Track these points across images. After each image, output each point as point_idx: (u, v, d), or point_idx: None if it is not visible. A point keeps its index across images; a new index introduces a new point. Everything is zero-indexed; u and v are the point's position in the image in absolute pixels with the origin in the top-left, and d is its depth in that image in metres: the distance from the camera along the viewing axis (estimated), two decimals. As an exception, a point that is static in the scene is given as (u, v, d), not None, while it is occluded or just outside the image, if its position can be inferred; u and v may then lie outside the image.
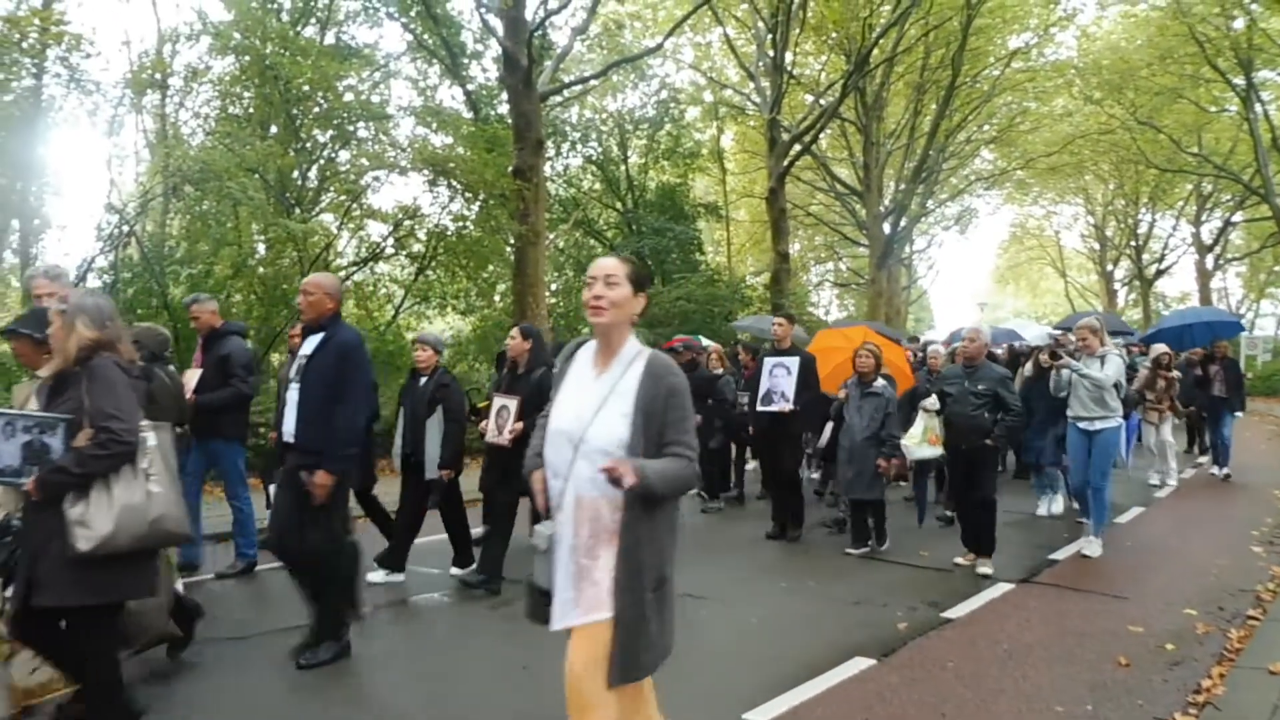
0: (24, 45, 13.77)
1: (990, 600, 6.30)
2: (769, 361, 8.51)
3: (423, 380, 7.06)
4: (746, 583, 6.83)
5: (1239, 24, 25.69)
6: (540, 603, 2.83)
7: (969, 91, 27.14)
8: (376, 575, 6.82)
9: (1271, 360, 32.02)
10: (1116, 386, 7.39)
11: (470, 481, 7.20)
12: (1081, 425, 7.57)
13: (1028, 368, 10.43)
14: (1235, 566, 7.16)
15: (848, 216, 32.13)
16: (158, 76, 17.23)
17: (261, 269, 16.69)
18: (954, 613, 5.96)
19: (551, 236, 24.18)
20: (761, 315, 20.25)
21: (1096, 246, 44.25)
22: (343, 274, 18.47)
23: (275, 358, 17.02)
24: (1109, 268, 44.09)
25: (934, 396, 7.63)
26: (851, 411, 7.87)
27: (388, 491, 7.61)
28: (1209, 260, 39.36)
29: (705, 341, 11.66)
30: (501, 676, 4.88)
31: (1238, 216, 36.90)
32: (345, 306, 19.74)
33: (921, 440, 7.62)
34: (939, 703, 4.44)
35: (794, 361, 8.35)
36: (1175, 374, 11.73)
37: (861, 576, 6.41)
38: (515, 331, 6.88)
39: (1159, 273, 41.41)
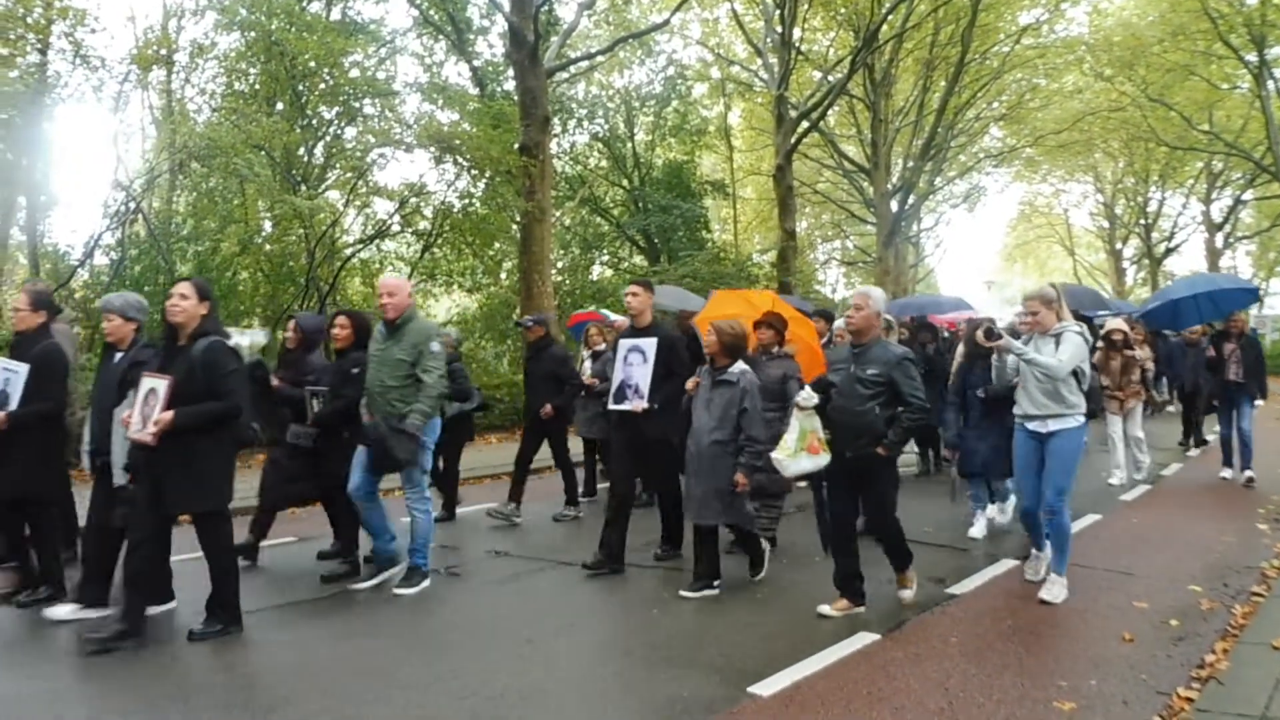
0: (29, 21, 13.74)
1: (995, 576, 6.32)
2: (623, 345, 6.71)
3: (117, 357, 5.68)
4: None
5: (1252, 0, 25.43)
6: None
7: (978, 68, 26.95)
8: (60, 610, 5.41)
9: (1280, 339, 31.88)
10: (1077, 375, 5.68)
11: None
12: (1031, 426, 5.78)
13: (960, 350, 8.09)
14: (1241, 543, 7.16)
15: (855, 194, 32.02)
16: (163, 52, 17.19)
17: (268, 246, 16.71)
18: (958, 589, 5.97)
19: (558, 214, 24.18)
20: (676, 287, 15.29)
21: (1105, 225, 44.01)
22: (349, 251, 18.50)
23: (280, 335, 17.09)
24: (1118, 246, 43.88)
25: (808, 389, 5.66)
26: (699, 407, 5.99)
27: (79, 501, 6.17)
28: (1219, 238, 39.16)
29: (613, 316, 10.76)
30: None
31: (1248, 194, 36.64)
32: (352, 284, 19.86)
33: (797, 449, 5.49)
34: (943, 678, 4.45)
35: (650, 344, 6.49)
36: (1139, 353, 10.09)
37: (866, 553, 6.38)
38: (184, 288, 5.27)
39: (1168, 251, 41.21)
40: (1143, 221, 41.37)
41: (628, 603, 5.91)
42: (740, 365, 5.91)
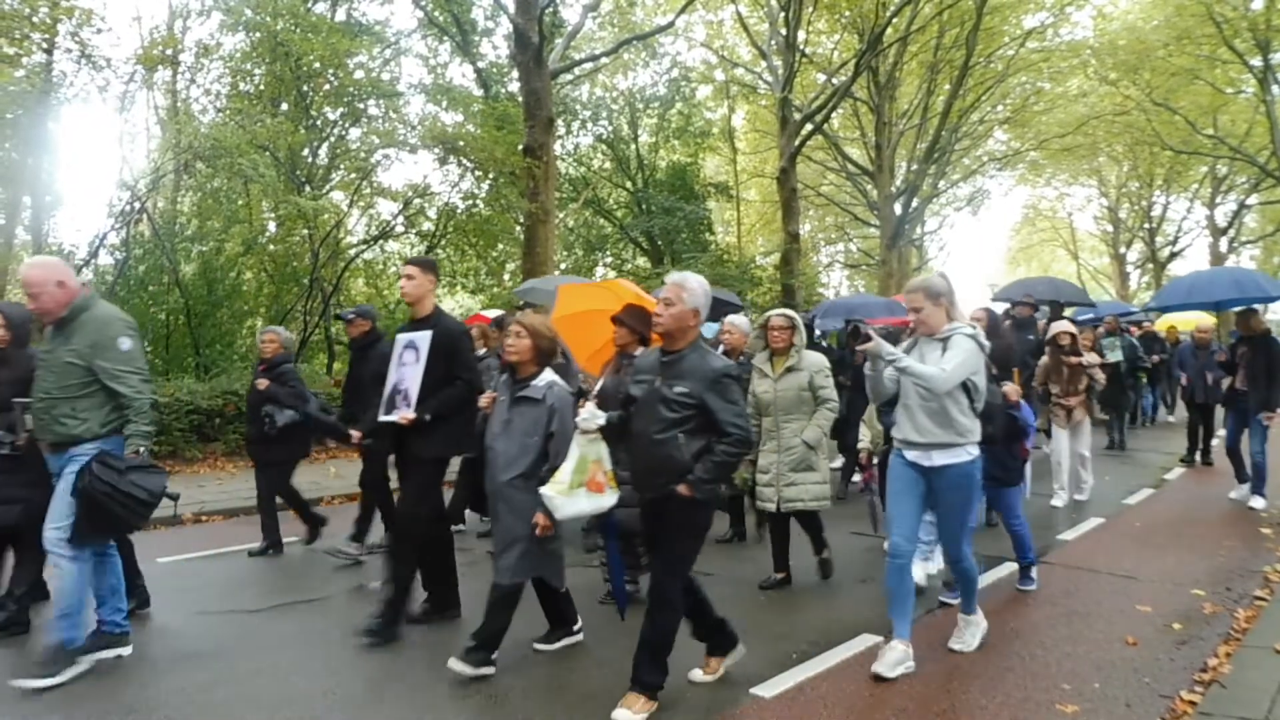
0: (34, 20, 13.77)
1: (999, 579, 6.31)
2: (400, 340, 5.43)
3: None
4: (753, 560, 6.85)
5: (1257, 4, 25.42)
6: None
7: (983, 71, 26.91)
8: None
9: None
10: (969, 390, 4.49)
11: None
12: (911, 456, 4.60)
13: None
14: (1244, 548, 7.15)
15: (859, 197, 31.97)
16: (169, 53, 17.21)
17: (272, 246, 16.76)
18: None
19: (561, 215, 24.19)
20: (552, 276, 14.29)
21: (1110, 229, 43.95)
22: (353, 252, 18.54)
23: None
24: (1122, 250, 43.82)
25: (590, 406, 4.28)
26: (494, 431, 4.75)
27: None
28: (1223, 243, 39.09)
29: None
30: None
31: (1253, 199, 36.59)
32: (355, 285, 19.91)
33: (574, 483, 4.23)
34: (946, 679, 4.46)
35: (424, 338, 5.26)
36: (1086, 359, 8.84)
37: (868, 555, 6.41)
38: None
39: (1172, 255, 41.14)
40: (1147, 225, 41.33)
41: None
42: (548, 376, 4.67)
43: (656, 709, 4.05)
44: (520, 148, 16.00)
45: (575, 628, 5.08)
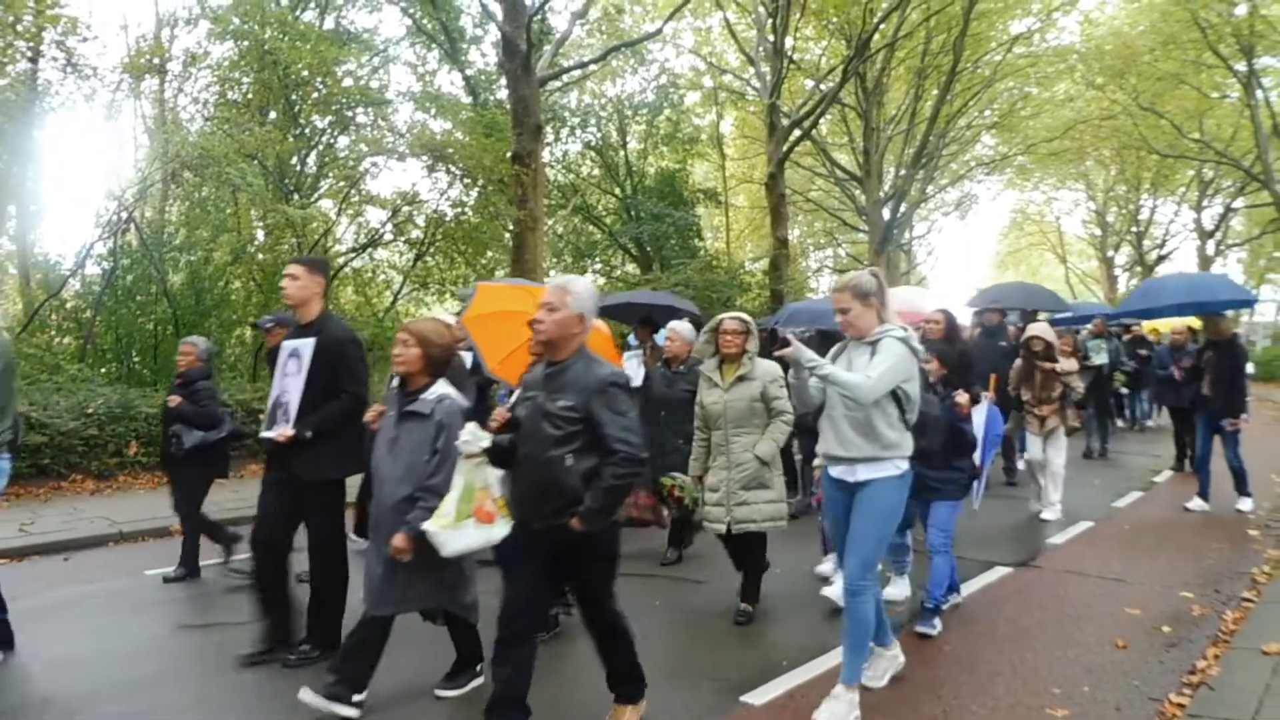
0: (19, 28, 13.72)
1: (988, 584, 6.33)
2: (284, 348, 4.96)
3: None
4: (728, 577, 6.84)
5: (1241, 10, 25.60)
6: None
7: (970, 77, 27.01)
8: None
9: (1271, 345, 32.04)
10: (899, 401, 4.10)
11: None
12: (836, 472, 4.23)
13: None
14: (1231, 550, 7.19)
15: (847, 202, 32.03)
16: (156, 61, 17.18)
17: (260, 255, 16.71)
18: (952, 596, 5.96)
19: (550, 222, 24.18)
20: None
21: (1098, 232, 44.18)
22: (341, 260, 18.51)
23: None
24: (1110, 254, 44.02)
25: (472, 426, 3.84)
26: (380, 449, 4.30)
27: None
28: (1210, 246, 39.30)
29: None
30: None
31: (1239, 202, 36.81)
32: (344, 293, 19.86)
33: (460, 516, 3.83)
34: (936, 685, 4.46)
35: (308, 346, 4.79)
36: (1062, 366, 8.45)
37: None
38: None
39: (1160, 258, 41.32)
40: (1134, 229, 41.56)
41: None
42: (439, 389, 4.22)
43: (646, 710, 4.03)
44: (509, 155, 15.98)
45: (478, 667, 4.52)
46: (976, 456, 6.41)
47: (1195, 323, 11.94)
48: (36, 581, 6.84)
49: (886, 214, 27.14)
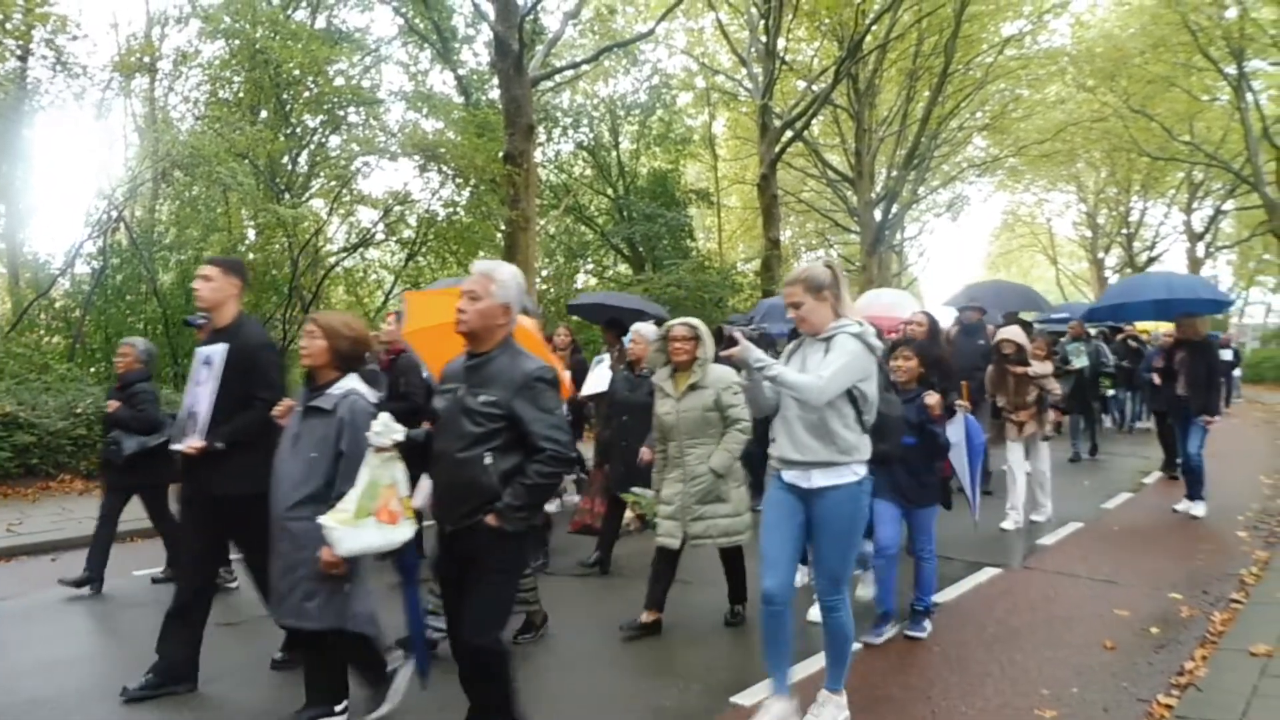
0: (7, 27, 13.65)
1: (978, 585, 6.34)
2: (198, 355, 4.58)
3: None
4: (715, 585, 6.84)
5: (1231, 13, 25.71)
6: None
7: (962, 78, 27.10)
8: None
9: (1260, 347, 32.19)
10: (855, 400, 3.81)
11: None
12: (789, 477, 3.93)
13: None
14: (1220, 551, 7.22)
15: (839, 203, 32.10)
16: (146, 60, 17.13)
17: (251, 255, 16.66)
18: (941, 597, 5.97)
19: (542, 222, 24.17)
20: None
21: (1088, 234, 44.34)
22: (332, 260, 18.47)
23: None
24: (1100, 255, 44.18)
25: (384, 417, 3.61)
26: (283, 446, 3.98)
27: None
28: (1200, 248, 39.51)
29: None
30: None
31: (1228, 204, 36.98)
32: (335, 293, 19.82)
33: (360, 513, 3.53)
34: (926, 686, 4.47)
35: (220, 353, 4.43)
36: (1035, 369, 8.07)
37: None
38: None
39: (1150, 260, 41.50)
40: (1125, 231, 41.73)
41: (610, 615, 5.75)
42: (347, 384, 3.91)
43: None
44: (501, 155, 15.97)
45: (338, 707, 3.98)
46: (961, 465, 6.31)
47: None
48: (25, 582, 6.82)
49: (878, 215, 27.21)
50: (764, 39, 22.29)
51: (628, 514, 6.73)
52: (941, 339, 7.43)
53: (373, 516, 3.50)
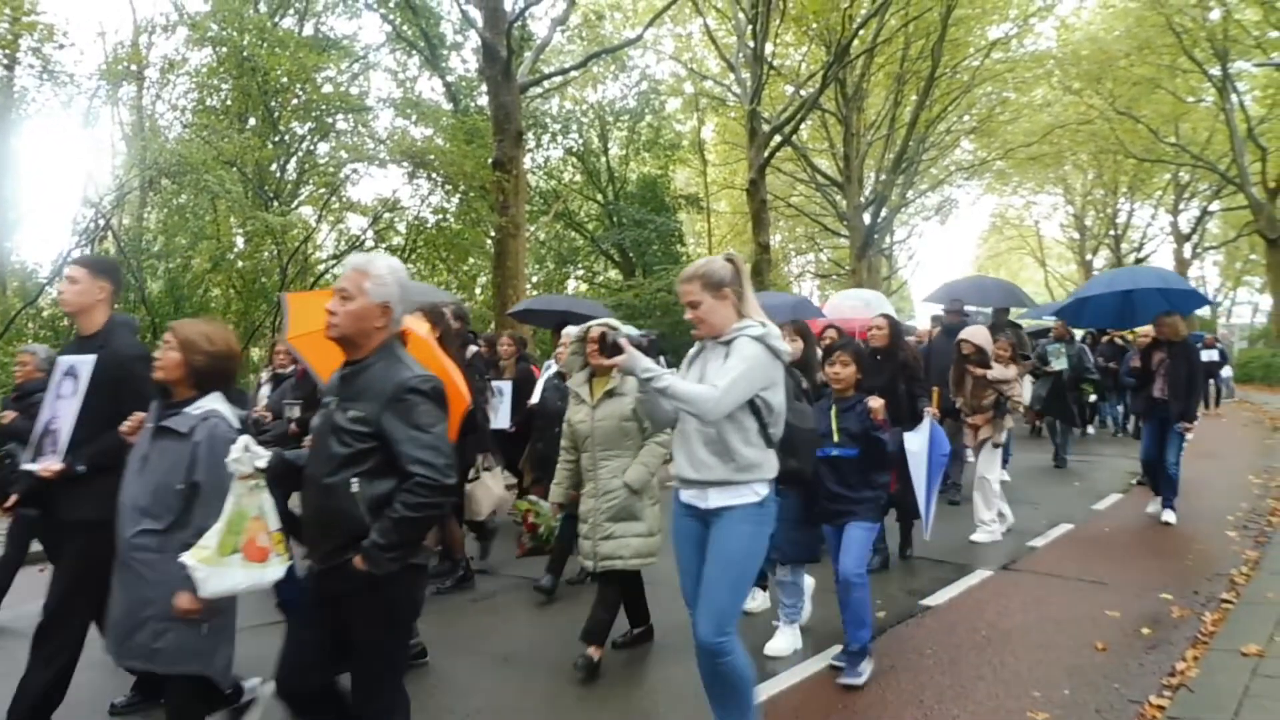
0: (-6, 37, 13.61)
1: (969, 588, 6.33)
2: (60, 365, 4.03)
3: None
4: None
5: (1215, 15, 25.92)
6: None
7: (949, 82, 27.23)
8: None
9: (1248, 348, 32.35)
10: (758, 411, 3.37)
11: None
12: (687, 497, 3.51)
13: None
14: (1210, 551, 7.23)
15: (828, 207, 32.21)
16: (133, 68, 17.09)
17: (240, 263, 16.62)
18: (933, 600, 5.98)
19: (532, 228, 24.17)
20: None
21: (1076, 236, 44.59)
22: (322, 267, 18.43)
23: (256, 352, 16.99)
24: (1088, 257, 44.43)
25: (245, 440, 3.10)
26: (130, 469, 3.40)
27: None
28: (1187, 249, 39.76)
29: None
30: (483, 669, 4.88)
31: (1215, 205, 37.25)
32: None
33: (224, 549, 3.06)
34: (918, 690, 4.46)
35: (86, 364, 3.87)
36: (995, 372, 7.78)
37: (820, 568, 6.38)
38: None
39: (1138, 261, 41.70)
40: (1112, 232, 41.96)
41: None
42: (207, 404, 3.33)
43: None
44: (490, 161, 15.98)
45: None
46: (920, 479, 6.22)
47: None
48: (13, 594, 6.76)
49: (867, 219, 27.29)
50: (752, 44, 22.34)
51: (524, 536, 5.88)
52: (906, 343, 7.20)
53: (239, 553, 3.04)
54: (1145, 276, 9.72)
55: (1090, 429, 15.29)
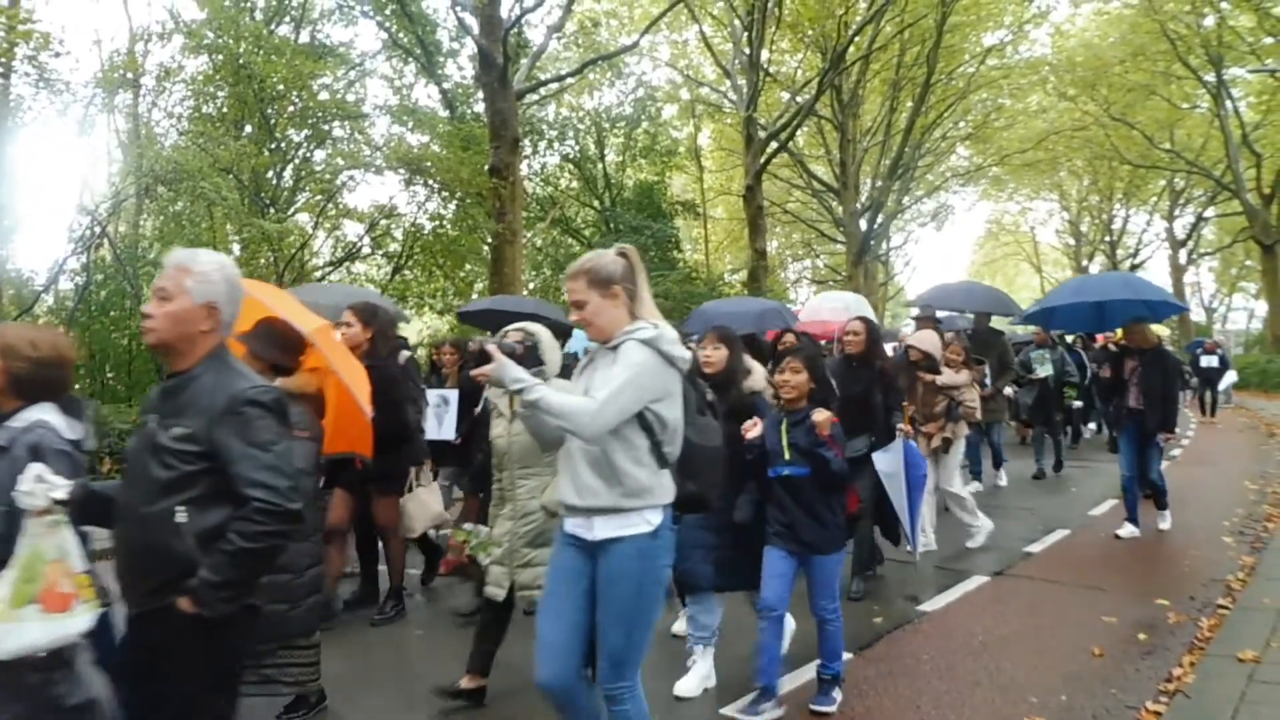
0: (-10, 45, 13.59)
1: (966, 593, 6.33)
2: None
3: None
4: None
5: (1209, 21, 26.02)
6: None
7: (944, 88, 27.31)
8: None
9: (1243, 353, 32.42)
10: (649, 427, 2.94)
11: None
12: (571, 527, 3.07)
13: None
14: (1207, 557, 7.23)
15: (824, 213, 32.27)
16: (129, 76, 17.08)
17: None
18: (930, 606, 5.98)
19: (529, 235, 24.19)
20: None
21: (1071, 242, 44.71)
22: (318, 274, 18.42)
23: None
24: (1084, 263, 44.51)
25: (37, 469, 2.55)
26: None
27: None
28: (1182, 255, 39.87)
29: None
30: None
31: (1210, 212, 37.36)
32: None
33: (18, 600, 2.48)
34: (915, 695, 4.46)
35: None
36: (947, 378, 7.50)
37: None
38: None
39: (1133, 268, 41.83)
40: (1108, 238, 42.08)
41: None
42: (32, 414, 2.86)
43: None
44: (486, 168, 15.99)
45: None
46: (899, 498, 6.01)
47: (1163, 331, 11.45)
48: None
49: (863, 225, 27.35)
50: (748, 51, 22.41)
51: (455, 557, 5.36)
52: (883, 350, 6.64)
53: (36, 604, 2.49)
54: (1113, 287, 9.23)
55: (1086, 433, 15.24)
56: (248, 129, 17.65)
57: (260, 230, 14.44)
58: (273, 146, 17.47)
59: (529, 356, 3.79)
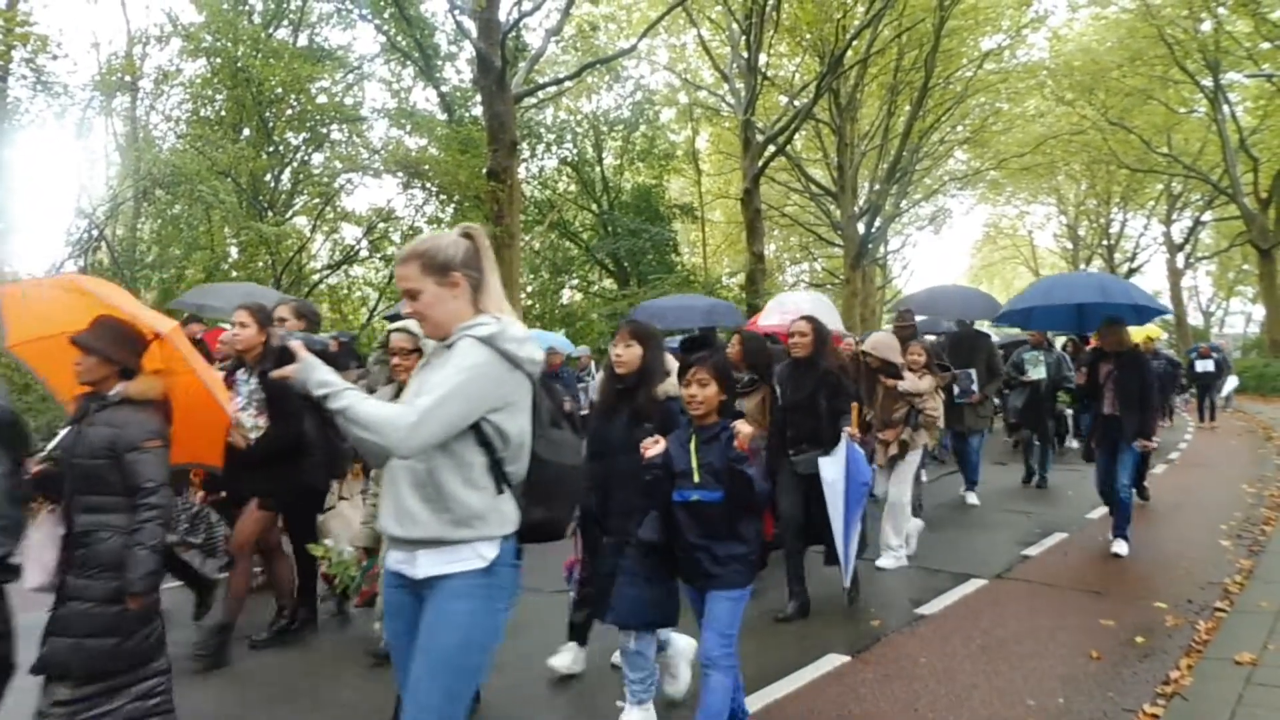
0: (-12, 48, 13.60)
1: (964, 596, 6.33)
2: None
3: None
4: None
5: (1206, 26, 26.08)
6: None
7: (942, 93, 27.34)
8: None
9: (1241, 357, 32.47)
10: (488, 441, 2.44)
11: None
12: (393, 562, 2.58)
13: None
14: (1204, 560, 7.23)
15: (822, 217, 32.30)
16: (127, 79, 17.09)
17: (235, 273, 16.61)
18: (928, 609, 5.97)
19: (527, 238, 24.18)
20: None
21: (1069, 246, 44.78)
22: (316, 277, 18.43)
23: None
24: (1082, 267, 44.55)
25: None
26: None
27: None
28: (1179, 259, 39.92)
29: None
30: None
31: (1207, 216, 37.47)
32: (320, 309, 19.75)
33: None
34: (913, 699, 4.46)
35: None
36: (905, 383, 7.10)
37: (834, 574, 6.38)
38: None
39: (1131, 271, 41.89)
40: (1105, 242, 42.14)
41: (598, 629, 5.34)
42: None
43: None
44: (484, 171, 16.00)
45: None
46: (835, 509, 5.57)
47: (1155, 331, 10.89)
48: (18, 602, 6.72)
49: (861, 228, 27.36)
50: (746, 55, 22.43)
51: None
52: (833, 352, 6.26)
53: None
54: (1083, 289, 8.63)
55: (1074, 442, 14.80)
56: (246, 132, 17.68)
57: (258, 233, 14.46)
58: (271, 150, 17.50)
59: (343, 355, 3.36)
